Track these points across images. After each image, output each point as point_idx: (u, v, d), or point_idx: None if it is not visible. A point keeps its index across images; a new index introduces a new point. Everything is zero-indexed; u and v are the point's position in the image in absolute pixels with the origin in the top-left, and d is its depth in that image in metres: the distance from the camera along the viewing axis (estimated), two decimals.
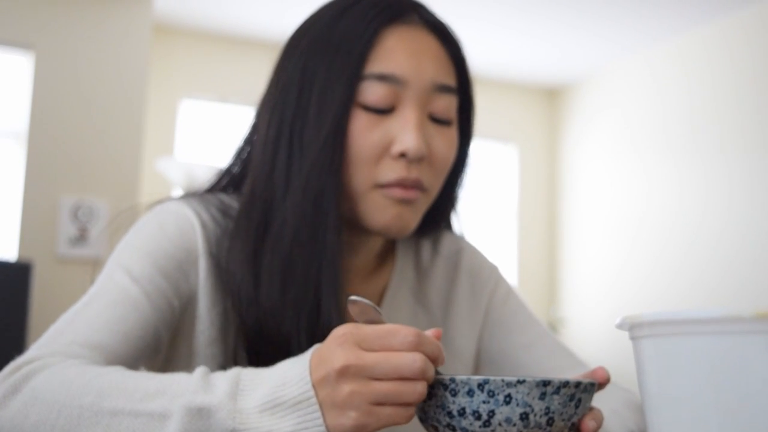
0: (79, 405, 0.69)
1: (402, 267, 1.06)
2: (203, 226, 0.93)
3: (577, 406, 0.66)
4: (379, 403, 0.64)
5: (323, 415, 0.65)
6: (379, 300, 1.03)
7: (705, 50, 4.55)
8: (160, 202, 0.98)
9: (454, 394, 0.65)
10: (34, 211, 3.82)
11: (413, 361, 0.64)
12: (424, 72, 0.91)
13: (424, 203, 0.95)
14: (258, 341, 0.89)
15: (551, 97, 5.73)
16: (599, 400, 0.98)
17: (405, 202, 0.91)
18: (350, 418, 0.64)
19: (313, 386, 0.66)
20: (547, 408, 0.64)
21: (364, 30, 0.91)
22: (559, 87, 5.65)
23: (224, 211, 0.96)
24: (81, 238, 3.90)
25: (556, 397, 0.64)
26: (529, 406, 0.63)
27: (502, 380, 0.63)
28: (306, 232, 0.88)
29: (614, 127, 5.20)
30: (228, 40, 4.83)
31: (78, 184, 3.91)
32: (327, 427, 0.65)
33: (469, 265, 1.11)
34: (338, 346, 0.66)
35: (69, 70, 3.93)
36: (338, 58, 0.90)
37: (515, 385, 0.63)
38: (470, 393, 0.64)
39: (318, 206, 0.88)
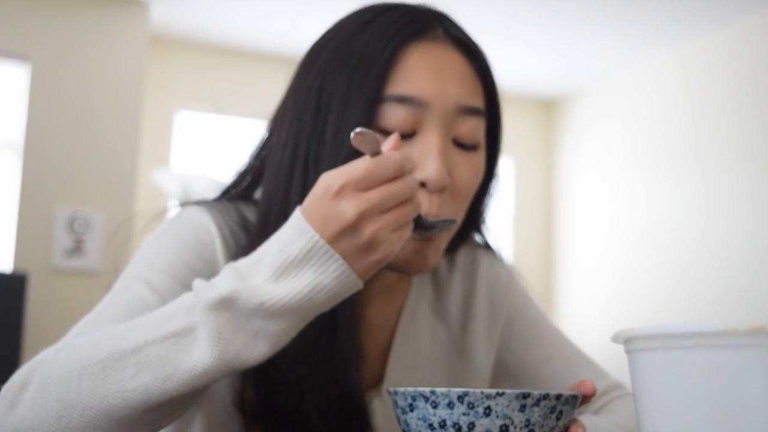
0: (99, 360, 0.68)
1: (420, 282, 1.03)
2: (223, 239, 0.90)
3: (558, 419, 0.66)
4: (396, 229, 0.70)
5: (349, 263, 0.69)
6: (397, 316, 1.00)
7: (707, 60, 4.53)
8: (179, 208, 0.95)
9: (435, 406, 0.65)
10: (30, 222, 3.82)
11: (408, 183, 0.70)
12: (448, 93, 0.85)
13: (445, 237, 0.90)
14: (272, 368, 0.86)
15: (548, 109, 5.74)
16: (609, 412, 0.97)
17: (425, 238, 0.86)
18: (382, 251, 0.69)
19: (329, 242, 0.68)
20: (528, 420, 0.64)
21: (384, 47, 0.85)
22: (556, 99, 5.66)
23: (243, 225, 0.93)
24: (77, 249, 3.89)
25: (536, 409, 0.64)
26: (509, 418, 0.63)
27: (482, 392, 0.63)
28: None
29: (613, 138, 5.19)
30: (224, 51, 4.85)
31: (74, 195, 3.91)
32: (357, 272, 0.69)
33: (486, 276, 1.07)
34: (341, 199, 0.68)
35: (65, 81, 3.94)
36: (357, 77, 0.84)
37: (494, 398, 0.63)
38: (450, 405, 0.64)
39: None
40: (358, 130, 0.69)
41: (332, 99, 0.85)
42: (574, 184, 5.50)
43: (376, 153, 0.70)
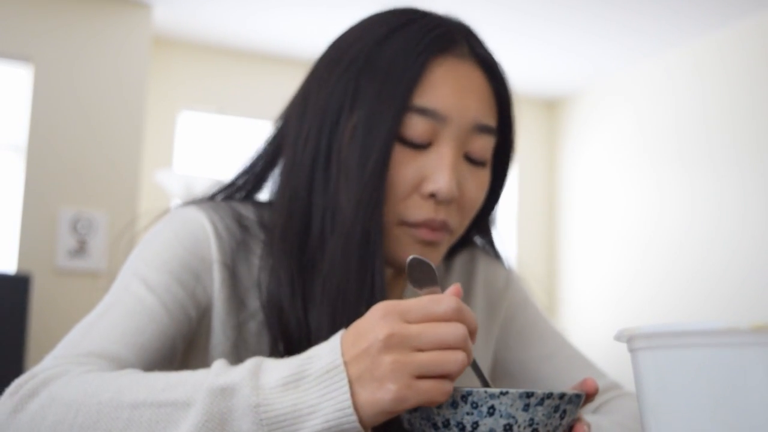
0: (98, 402, 0.68)
1: None
2: (217, 235, 0.90)
3: (562, 418, 0.66)
4: (420, 376, 0.62)
5: (353, 390, 0.63)
6: None
7: (720, 55, 4.45)
8: (174, 208, 0.96)
9: (439, 405, 0.65)
10: (33, 223, 3.83)
11: (456, 329, 0.63)
12: (466, 110, 0.88)
13: (447, 244, 0.92)
14: None
15: (550, 109, 5.74)
16: (609, 411, 0.97)
17: (430, 243, 0.89)
18: (389, 391, 0.62)
19: (346, 363, 0.64)
20: (531, 419, 0.64)
21: (414, 59, 0.87)
22: (559, 98, 5.65)
23: (239, 221, 0.94)
24: (80, 250, 3.90)
25: (540, 408, 0.64)
26: (513, 417, 0.63)
27: (485, 392, 0.63)
28: (356, 269, 0.85)
29: (620, 136, 5.12)
30: (227, 52, 4.85)
31: (77, 196, 3.91)
32: (357, 403, 0.62)
33: (484, 275, 1.09)
34: (380, 319, 0.64)
35: (68, 82, 3.94)
36: (387, 85, 0.86)
37: (498, 397, 0.63)
38: (454, 404, 0.64)
39: (365, 244, 0.85)
40: (413, 257, 0.69)
41: (359, 101, 0.87)
42: (578, 184, 5.49)
43: (431, 288, 0.69)
